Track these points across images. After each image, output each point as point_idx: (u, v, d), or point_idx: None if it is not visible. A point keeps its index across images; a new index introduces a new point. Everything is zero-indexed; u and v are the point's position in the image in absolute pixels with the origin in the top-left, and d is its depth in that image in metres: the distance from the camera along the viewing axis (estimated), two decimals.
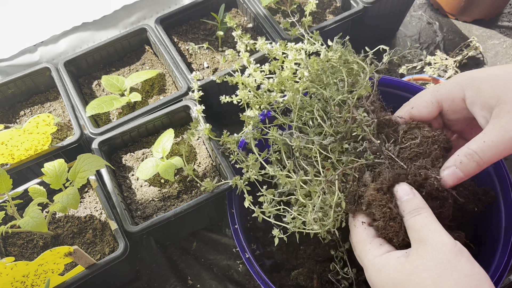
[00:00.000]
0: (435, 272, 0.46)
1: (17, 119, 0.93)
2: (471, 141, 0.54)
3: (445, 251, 0.47)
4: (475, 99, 0.55)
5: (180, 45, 1.00)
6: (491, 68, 0.55)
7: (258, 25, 0.98)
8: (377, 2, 0.98)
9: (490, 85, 0.53)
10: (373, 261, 0.52)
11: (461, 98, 0.56)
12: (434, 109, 0.59)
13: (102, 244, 0.75)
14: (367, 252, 0.53)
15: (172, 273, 0.87)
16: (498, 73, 0.54)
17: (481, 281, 0.46)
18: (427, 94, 0.60)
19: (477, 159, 0.52)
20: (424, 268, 0.47)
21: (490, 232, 0.70)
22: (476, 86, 0.54)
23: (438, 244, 0.48)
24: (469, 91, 0.55)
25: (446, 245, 0.47)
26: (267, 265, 0.78)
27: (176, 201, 0.80)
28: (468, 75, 0.56)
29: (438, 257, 0.47)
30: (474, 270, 0.46)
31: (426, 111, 0.60)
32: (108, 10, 1.06)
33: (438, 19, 1.23)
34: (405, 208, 0.53)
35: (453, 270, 0.46)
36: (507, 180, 0.69)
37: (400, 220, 0.54)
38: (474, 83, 0.55)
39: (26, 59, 1.02)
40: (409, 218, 0.52)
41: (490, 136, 0.52)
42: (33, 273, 0.63)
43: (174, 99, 0.87)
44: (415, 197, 0.53)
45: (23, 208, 0.75)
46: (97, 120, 0.91)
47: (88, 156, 0.72)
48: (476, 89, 0.54)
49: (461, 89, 0.56)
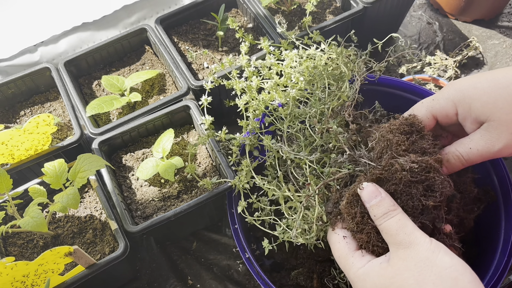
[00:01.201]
0: (416, 271, 0.48)
1: (17, 119, 0.93)
2: (459, 143, 0.59)
3: (423, 249, 0.49)
4: (466, 116, 0.59)
5: (180, 45, 1.00)
6: (481, 82, 0.58)
7: (258, 25, 0.98)
8: (377, 2, 0.98)
9: (480, 103, 0.57)
10: (357, 273, 0.53)
11: (454, 113, 0.60)
12: (430, 122, 0.62)
13: (102, 244, 0.75)
14: (351, 266, 0.54)
15: (172, 273, 0.87)
16: (487, 89, 0.57)
17: (461, 271, 0.48)
18: (422, 110, 0.62)
19: (462, 161, 0.59)
20: (405, 269, 0.49)
21: (490, 232, 0.70)
22: (468, 103, 0.58)
23: (415, 246, 0.50)
24: (460, 108, 0.59)
25: (423, 244, 0.49)
26: (267, 265, 0.78)
27: (176, 201, 0.80)
28: (459, 90, 0.59)
29: (417, 256, 0.49)
30: (452, 262, 0.48)
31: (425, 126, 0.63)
32: (108, 10, 1.06)
33: (438, 19, 1.23)
34: (375, 213, 0.53)
35: (433, 265, 0.48)
36: (507, 180, 0.69)
37: (372, 228, 0.54)
38: (465, 100, 0.58)
39: (26, 59, 1.02)
40: (382, 223, 0.52)
41: (476, 145, 0.57)
42: (33, 273, 0.63)
43: (174, 99, 0.87)
44: (383, 199, 0.53)
45: (23, 208, 0.75)
46: (97, 120, 0.91)
47: (88, 156, 0.72)
48: (467, 107, 0.58)
49: (453, 105, 0.60)
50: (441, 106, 0.61)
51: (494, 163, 0.72)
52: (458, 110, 0.59)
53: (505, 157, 0.57)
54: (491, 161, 0.72)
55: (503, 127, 0.55)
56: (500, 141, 0.56)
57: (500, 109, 0.55)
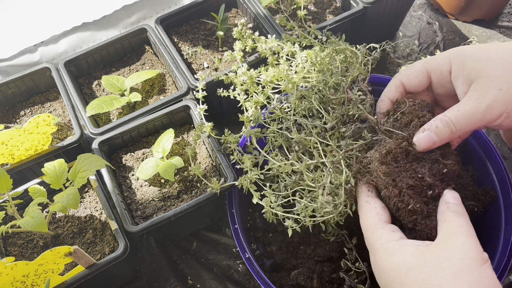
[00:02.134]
0: (457, 265, 0.47)
1: (17, 119, 0.93)
2: (448, 110, 0.57)
3: (472, 251, 0.48)
4: (458, 74, 0.57)
5: (180, 45, 1.00)
6: (480, 45, 0.58)
7: (258, 25, 0.98)
8: (377, 2, 0.98)
9: (472, 59, 0.56)
10: (386, 245, 0.52)
11: (448, 71, 0.59)
12: (424, 79, 0.61)
13: (102, 244, 0.75)
14: (379, 236, 0.53)
15: (172, 273, 0.87)
16: (483, 48, 0.56)
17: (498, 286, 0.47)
18: (417, 65, 0.62)
19: (451, 126, 0.56)
20: (447, 258, 0.48)
21: (490, 232, 0.70)
22: (462, 60, 0.57)
23: (470, 244, 0.48)
24: (454, 65, 0.58)
25: (474, 248, 0.48)
26: (267, 265, 0.78)
27: (176, 201, 0.80)
28: (457, 50, 0.59)
29: (465, 253, 0.48)
30: (494, 276, 0.47)
31: (416, 81, 0.62)
32: (108, 10, 1.06)
33: (438, 19, 1.23)
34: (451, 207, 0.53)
35: (476, 269, 0.47)
36: (507, 180, 0.69)
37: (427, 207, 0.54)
38: (460, 57, 0.57)
39: (26, 59, 1.02)
40: (452, 215, 0.52)
41: (464, 106, 0.55)
42: (33, 273, 0.63)
43: (174, 99, 0.87)
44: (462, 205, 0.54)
45: (23, 208, 0.75)
46: (97, 120, 0.91)
47: (88, 156, 0.72)
48: (461, 63, 0.57)
49: (448, 62, 0.59)
50: (437, 63, 0.60)
51: (494, 163, 0.72)
52: (452, 67, 0.58)
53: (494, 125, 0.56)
54: (491, 161, 0.72)
55: (491, 82, 0.54)
56: (486, 97, 0.54)
57: (491, 65, 0.54)
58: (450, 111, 0.56)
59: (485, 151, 0.73)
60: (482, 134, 0.74)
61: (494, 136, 1.01)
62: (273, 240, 0.80)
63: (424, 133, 0.56)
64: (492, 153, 0.72)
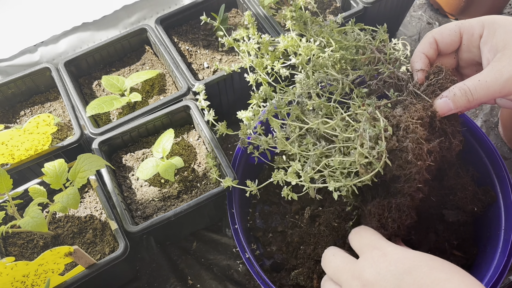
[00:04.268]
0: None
1: (17, 119, 0.93)
2: (469, 78, 0.58)
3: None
4: (488, 39, 0.58)
5: (180, 45, 1.00)
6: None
7: (258, 25, 0.98)
8: (377, 2, 0.98)
9: (504, 30, 0.57)
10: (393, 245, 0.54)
11: (479, 35, 0.60)
12: (456, 38, 0.62)
13: (102, 244, 0.75)
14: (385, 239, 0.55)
15: (172, 273, 0.87)
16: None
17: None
18: (451, 24, 0.63)
19: (469, 95, 0.57)
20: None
21: (490, 232, 0.70)
22: (494, 28, 0.58)
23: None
24: (486, 31, 0.59)
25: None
26: (267, 265, 0.78)
27: (176, 201, 0.80)
28: (492, 18, 0.60)
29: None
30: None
31: (449, 39, 0.63)
32: (108, 10, 1.06)
33: (438, 19, 1.23)
34: None
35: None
36: (507, 180, 0.69)
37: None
38: (494, 25, 0.58)
39: (26, 59, 1.02)
40: None
41: (485, 76, 0.56)
42: (33, 273, 0.63)
43: (174, 99, 0.87)
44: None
45: (23, 208, 0.75)
46: (97, 120, 0.91)
47: (88, 156, 0.72)
48: (493, 30, 0.58)
49: (482, 26, 0.60)
50: (471, 25, 0.61)
51: (494, 163, 0.72)
52: (484, 32, 0.59)
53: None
54: (491, 161, 0.72)
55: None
56: (508, 69, 0.54)
57: None
58: (471, 80, 0.57)
59: (485, 151, 0.73)
60: (482, 134, 0.74)
61: (494, 136, 1.01)
62: (273, 240, 0.80)
63: (442, 99, 0.58)
64: (492, 153, 0.72)
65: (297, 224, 0.79)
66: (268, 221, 0.83)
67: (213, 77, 0.88)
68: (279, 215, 0.83)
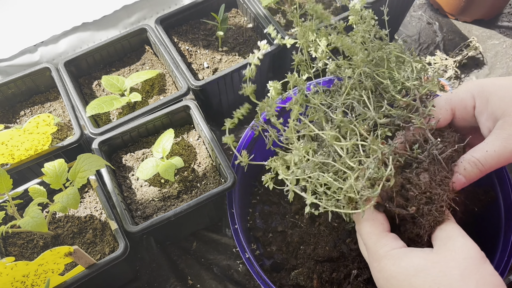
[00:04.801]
0: (463, 265, 0.48)
1: (17, 119, 0.93)
2: (474, 148, 0.56)
3: (473, 251, 0.49)
4: (482, 110, 0.58)
5: (180, 45, 1.00)
6: (501, 79, 0.58)
7: (258, 25, 0.98)
8: (377, 2, 0.98)
9: (497, 96, 0.56)
10: (391, 252, 0.53)
11: (472, 106, 0.59)
12: (448, 116, 0.61)
13: (102, 244, 0.75)
14: (384, 244, 0.54)
15: (172, 273, 0.87)
16: (506, 85, 0.57)
17: (501, 284, 0.48)
18: (441, 102, 0.62)
19: (480, 166, 0.56)
20: (452, 259, 0.49)
21: (490, 232, 0.70)
22: (486, 96, 0.57)
23: (467, 244, 0.50)
24: (478, 101, 0.58)
25: (474, 248, 0.50)
26: (267, 265, 0.78)
27: (176, 201, 0.80)
28: (479, 84, 0.59)
29: (467, 252, 0.49)
30: (495, 273, 0.49)
31: (442, 119, 0.62)
32: (108, 10, 1.06)
33: (438, 19, 1.23)
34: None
35: (480, 267, 0.48)
36: (507, 180, 0.69)
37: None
38: (484, 93, 0.57)
39: (26, 59, 1.02)
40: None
41: (492, 146, 0.55)
42: (33, 273, 0.63)
43: (174, 99, 0.87)
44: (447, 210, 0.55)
45: (23, 208, 0.75)
46: (97, 120, 0.91)
47: (88, 156, 0.72)
48: (485, 99, 0.57)
49: (472, 97, 0.59)
50: (460, 98, 0.60)
51: None
52: (476, 103, 0.59)
53: None
54: None
55: None
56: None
57: None
58: (478, 151, 0.56)
59: None
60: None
61: None
62: (273, 240, 0.80)
63: (454, 176, 0.57)
64: None
65: (297, 224, 0.79)
66: (268, 221, 0.83)
67: (213, 77, 0.88)
68: (279, 215, 0.83)
